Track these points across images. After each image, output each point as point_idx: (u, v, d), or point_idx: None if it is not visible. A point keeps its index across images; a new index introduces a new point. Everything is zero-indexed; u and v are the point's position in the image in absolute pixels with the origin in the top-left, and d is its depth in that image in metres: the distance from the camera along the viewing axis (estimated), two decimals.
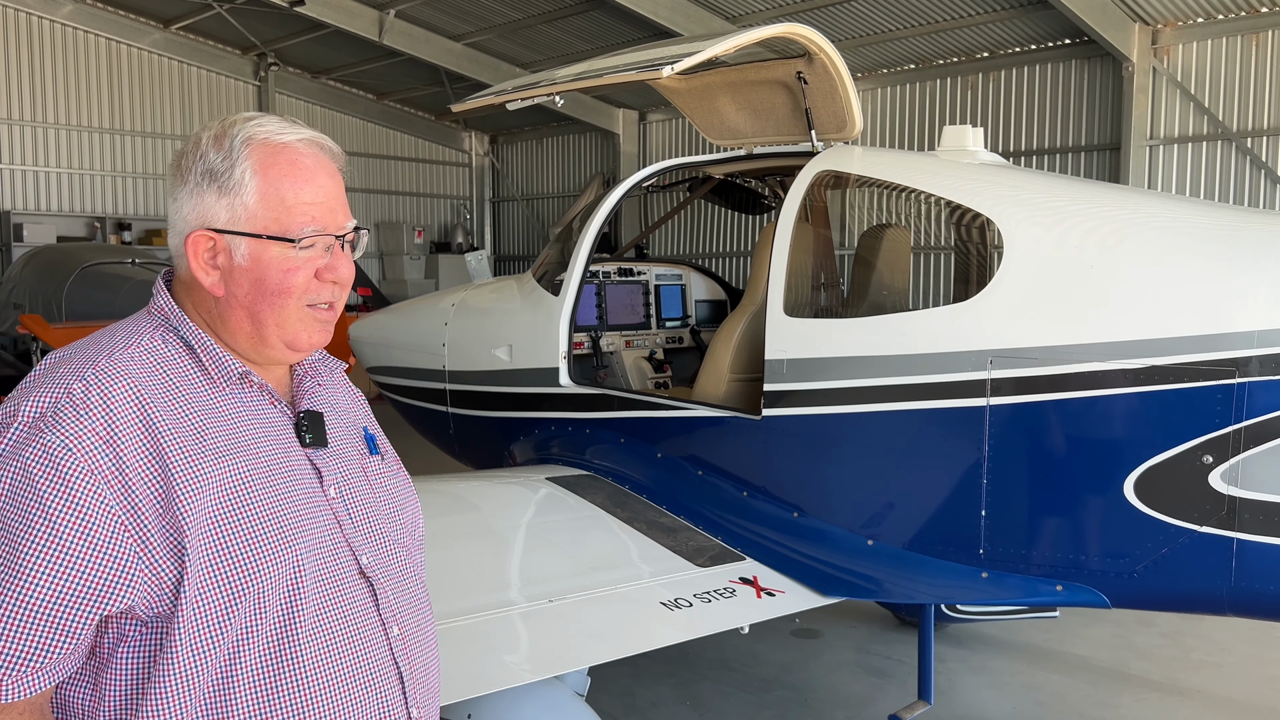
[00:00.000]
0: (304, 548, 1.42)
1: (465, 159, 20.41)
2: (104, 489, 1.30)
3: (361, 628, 1.48)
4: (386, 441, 1.73)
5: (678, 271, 5.95)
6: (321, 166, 1.49)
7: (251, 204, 1.43)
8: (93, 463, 1.30)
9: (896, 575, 3.54)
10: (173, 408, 1.39)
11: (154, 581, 1.32)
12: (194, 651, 1.34)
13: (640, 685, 4.90)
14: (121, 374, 1.38)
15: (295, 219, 1.44)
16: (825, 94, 4.28)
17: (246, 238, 1.44)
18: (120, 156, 16.64)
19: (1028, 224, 3.44)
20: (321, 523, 1.47)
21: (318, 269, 1.48)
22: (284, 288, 1.45)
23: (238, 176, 1.43)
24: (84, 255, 11.77)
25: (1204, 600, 3.14)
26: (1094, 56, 11.59)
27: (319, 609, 1.43)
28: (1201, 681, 5.12)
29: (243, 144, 1.44)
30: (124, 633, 1.35)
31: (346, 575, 1.48)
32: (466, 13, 14.43)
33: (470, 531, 3.77)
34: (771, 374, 3.78)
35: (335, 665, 1.43)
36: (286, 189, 1.44)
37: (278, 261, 1.45)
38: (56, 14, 15.72)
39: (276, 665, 1.39)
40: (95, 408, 1.33)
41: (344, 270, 1.50)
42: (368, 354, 6.41)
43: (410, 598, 1.59)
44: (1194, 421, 3.01)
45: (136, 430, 1.35)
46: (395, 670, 1.51)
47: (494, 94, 4.67)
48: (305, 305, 1.48)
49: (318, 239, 1.46)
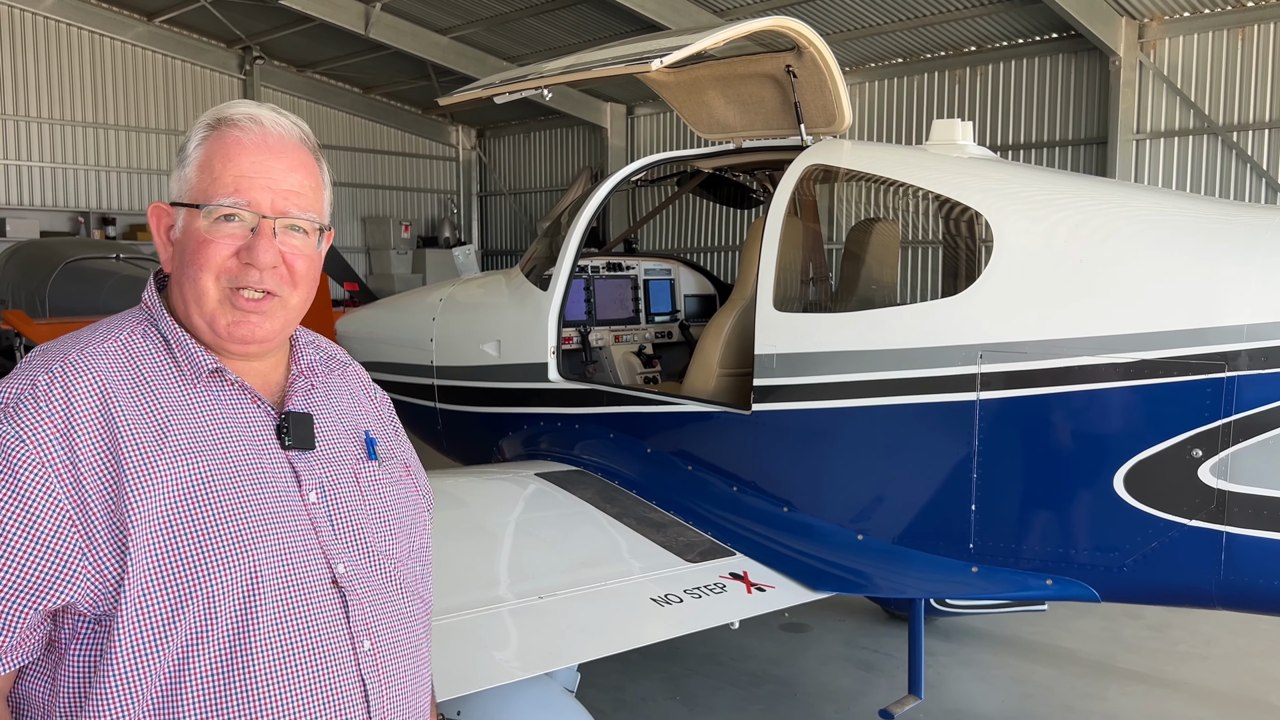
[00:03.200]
0: (265, 552, 1.37)
1: (452, 153, 20.34)
2: (53, 482, 1.29)
3: (326, 640, 1.41)
4: (400, 448, 1.66)
5: (667, 266, 5.94)
6: (268, 145, 1.44)
7: (190, 174, 1.44)
8: (45, 455, 1.29)
9: (886, 570, 3.54)
10: (137, 404, 1.37)
11: (97, 578, 1.30)
12: (135, 653, 1.30)
13: (630, 680, 4.89)
14: (89, 367, 1.37)
15: (219, 189, 1.42)
16: (814, 88, 4.27)
17: (182, 208, 1.45)
18: (104, 151, 16.51)
19: (1017, 218, 3.44)
20: (293, 528, 1.42)
21: (237, 249, 1.42)
22: (198, 259, 1.42)
23: (189, 151, 1.45)
24: (67, 250, 11.67)
25: (1193, 594, 3.15)
26: (1081, 51, 11.62)
27: (277, 618, 1.37)
28: (1188, 674, 5.15)
29: (204, 122, 1.46)
30: (78, 629, 1.33)
31: (315, 584, 1.42)
32: (453, 6, 14.37)
33: (459, 528, 3.75)
34: (761, 369, 3.77)
35: (290, 677, 1.37)
36: (218, 160, 1.43)
37: (194, 232, 1.43)
38: (39, 7, 15.58)
39: (227, 673, 1.34)
40: (56, 400, 1.33)
41: (261, 254, 1.42)
42: (355, 350, 6.37)
43: (393, 611, 1.50)
44: (1184, 415, 3.01)
45: (95, 425, 1.33)
46: (360, 686, 1.44)
47: (481, 87, 4.64)
48: (226, 286, 1.43)
49: (237, 212, 1.41)
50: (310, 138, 1.52)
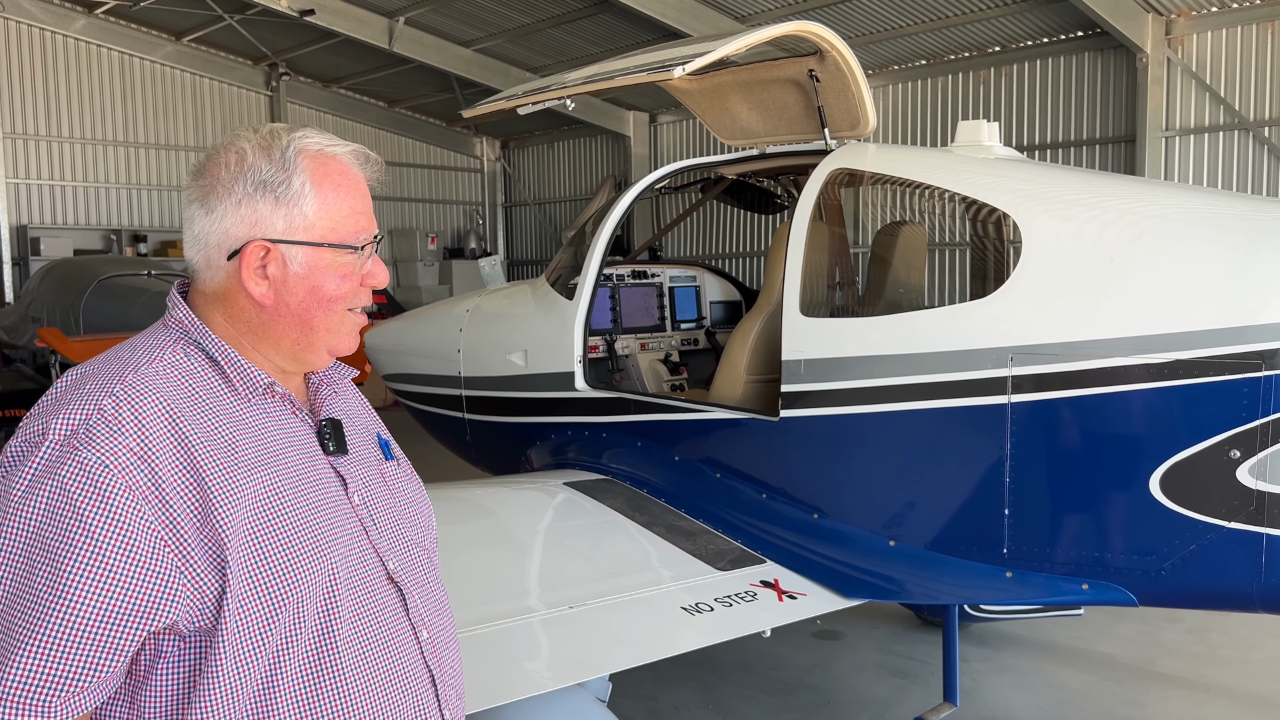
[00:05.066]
0: (338, 555, 1.44)
1: (477, 164, 20.46)
2: (142, 505, 1.30)
3: (395, 633, 1.50)
4: (398, 447, 1.75)
5: (692, 273, 5.92)
6: (363, 178, 1.56)
7: (310, 213, 1.47)
8: (130, 479, 1.30)
9: (919, 576, 3.50)
10: (202, 421, 1.39)
11: (196, 596, 1.32)
12: (237, 664, 1.34)
13: (662, 689, 4.88)
14: (150, 388, 1.38)
15: (349, 227, 1.50)
16: (838, 91, 4.25)
17: (305, 247, 1.47)
18: (135, 169, 16.76)
19: (1046, 218, 3.40)
20: (350, 530, 1.48)
21: (362, 275, 1.53)
22: (339, 294, 1.50)
23: (296, 187, 1.46)
24: (100, 268, 11.83)
25: (1234, 597, 3.09)
26: (1107, 48, 11.51)
27: (355, 616, 1.44)
28: (1230, 678, 5.06)
29: (296, 155, 1.47)
30: (161, 649, 1.34)
31: (376, 581, 1.50)
32: (476, 18, 14.46)
33: (488, 538, 3.76)
34: (788, 375, 3.75)
35: (373, 671, 1.45)
36: (342, 199, 1.50)
37: (334, 268, 1.49)
38: (69, 29, 15.84)
39: (317, 673, 1.40)
40: (128, 423, 1.33)
41: (381, 275, 1.57)
42: (383, 361, 6.41)
43: (434, 601, 1.61)
44: (1220, 416, 2.96)
45: (170, 444, 1.34)
46: (428, 673, 1.53)
47: (505, 99, 4.66)
48: (348, 310, 1.54)
49: (368, 246, 1.52)
50: (361, 151, 1.60)
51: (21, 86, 15.58)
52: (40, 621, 1.25)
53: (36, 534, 1.27)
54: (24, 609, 1.26)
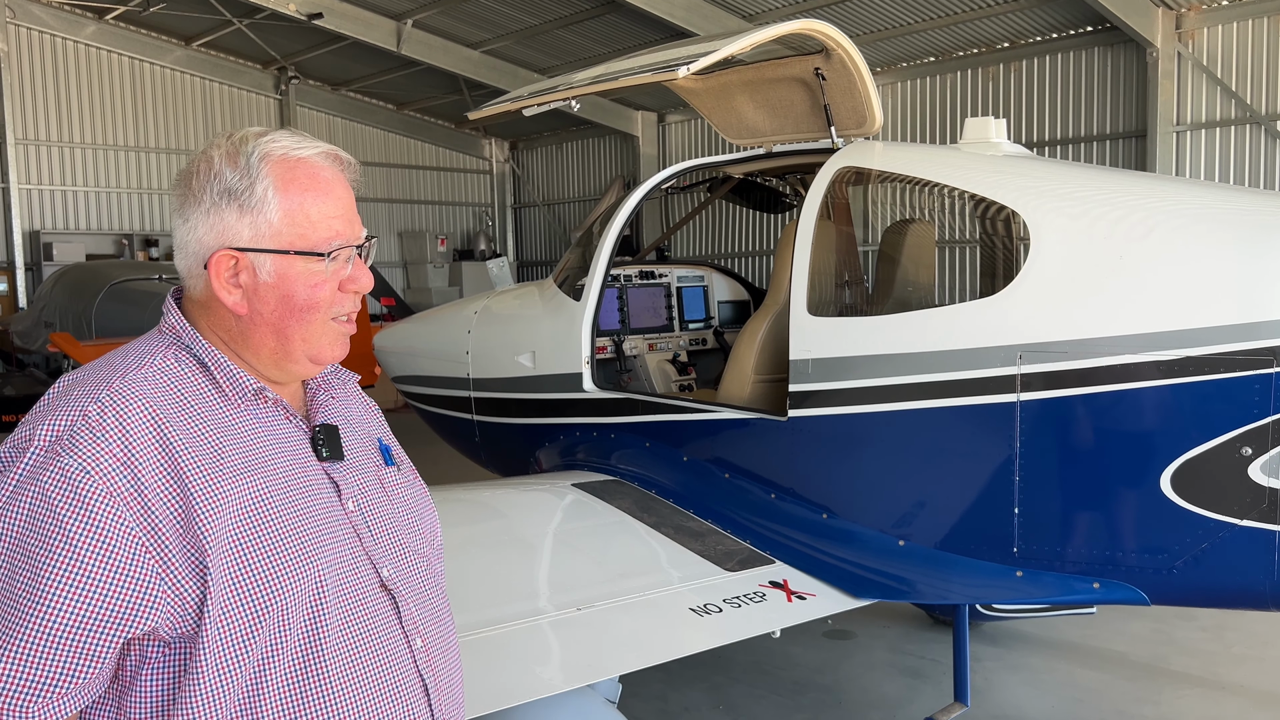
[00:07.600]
0: (326, 562, 1.42)
1: (486, 166, 20.49)
2: (123, 511, 1.30)
3: (385, 641, 1.47)
4: (402, 452, 1.72)
5: (699, 273, 5.92)
6: (338, 179, 1.49)
7: (275, 220, 1.42)
8: (111, 485, 1.30)
9: (929, 576, 3.49)
10: (188, 426, 1.38)
11: (177, 602, 1.32)
12: (220, 670, 1.33)
13: (673, 690, 4.87)
14: (136, 394, 1.37)
15: (320, 233, 1.45)
16: (844, 90, 4.24)
17: (272, 254, 1.43)
18: (145, 173, 16.84)
19: (1054, 215, 3.38)
20: (341, 537, 1.47)
21: (340, 281, 1.48)
22: (312, 302, 1.46)
23: (259, 194, 1.42)
24: (112, 272, 11.90)
25: (1246, 595, 3.07)
26: (1117, 43, 11.45)
27: (343, 623, 1.42)
28: (1244, 676, 5.02)
29: (260, 160, 1.42)
30: (146, 654, 1.34)
31: (368, 589, 1.47)
32: (483, 20, 14.49)
33: (497, 539, 3.76)
34: (796, 374, 3.74)
35: (361, 678, 1.43)
36: (309, 203, 1.44)
37: (304, 276, 1.45)
38: (80, 35, 15.93)
39: (302, 681, 1.39)
40: (111, 429, 1.33)
41: (364, 280, 1.51)
42: (392, 364, 6.43)
43: (432, 609, 1.58)
44: (1231, 413, 2.94)
45: (153, 451, 1.34)
46: (420, 683, 1.51)
47: (512, 100, 4.66)
48: (330, 318, 1.49)
49: (342, 251, 1.47)
50: (331, 151, 1.54)
51: (33, 92, 15.68)
52: (19, 626, 1.27)
53: (19, 540, 1.28)
54: (3, 614, 1.27)
